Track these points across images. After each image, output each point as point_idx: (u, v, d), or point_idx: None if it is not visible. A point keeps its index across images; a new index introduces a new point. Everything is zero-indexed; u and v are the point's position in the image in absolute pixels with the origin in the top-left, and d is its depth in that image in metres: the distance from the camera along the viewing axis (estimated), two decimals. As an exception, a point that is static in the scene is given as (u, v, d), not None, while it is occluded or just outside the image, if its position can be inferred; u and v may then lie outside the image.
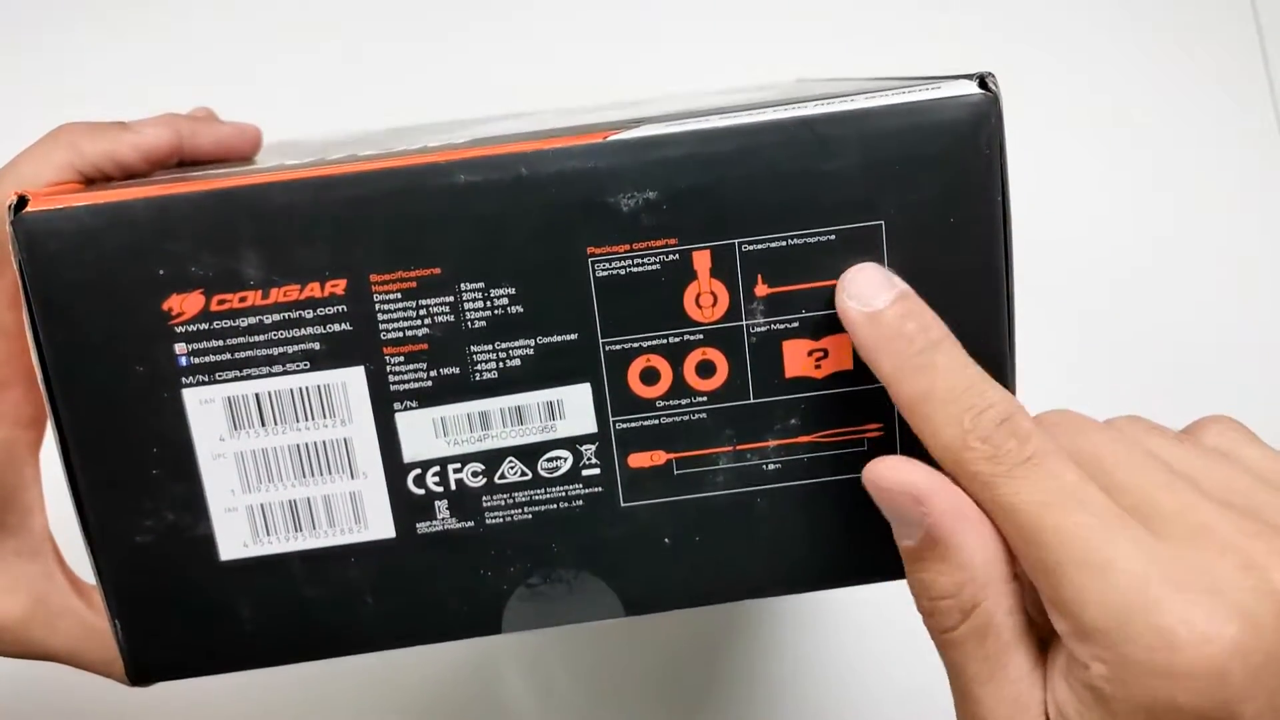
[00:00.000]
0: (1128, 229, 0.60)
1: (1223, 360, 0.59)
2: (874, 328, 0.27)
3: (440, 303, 0.28)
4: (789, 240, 0.28)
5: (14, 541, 0.33)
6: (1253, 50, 0.61)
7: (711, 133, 0.28)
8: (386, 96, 0.59)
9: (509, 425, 0.29)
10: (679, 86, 0.57)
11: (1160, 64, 0.61)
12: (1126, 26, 0.61)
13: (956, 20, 0.61)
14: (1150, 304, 0.59)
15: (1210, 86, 0.61)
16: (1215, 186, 0.60)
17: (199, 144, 0.35)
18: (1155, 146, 0.60)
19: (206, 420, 0.29)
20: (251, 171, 0.28)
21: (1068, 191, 0.60)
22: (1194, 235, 0.60)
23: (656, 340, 0.29)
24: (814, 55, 0.61)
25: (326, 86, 0.60)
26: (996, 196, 0.28)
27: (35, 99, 0.58)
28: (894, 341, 0.27)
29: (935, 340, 0.27)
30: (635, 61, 0.61)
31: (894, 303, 0.27)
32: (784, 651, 0.57)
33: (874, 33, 0.62)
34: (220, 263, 0.28)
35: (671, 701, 0.56)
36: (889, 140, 0.28)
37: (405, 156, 0.28)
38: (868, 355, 0.27)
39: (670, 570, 0.30)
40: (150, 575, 0.30)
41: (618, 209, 0.28)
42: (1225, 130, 0.60)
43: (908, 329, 0.27)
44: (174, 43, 0.59)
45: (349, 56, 0.60)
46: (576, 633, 0.55)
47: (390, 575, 0.30)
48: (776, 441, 0.30)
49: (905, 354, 0.27)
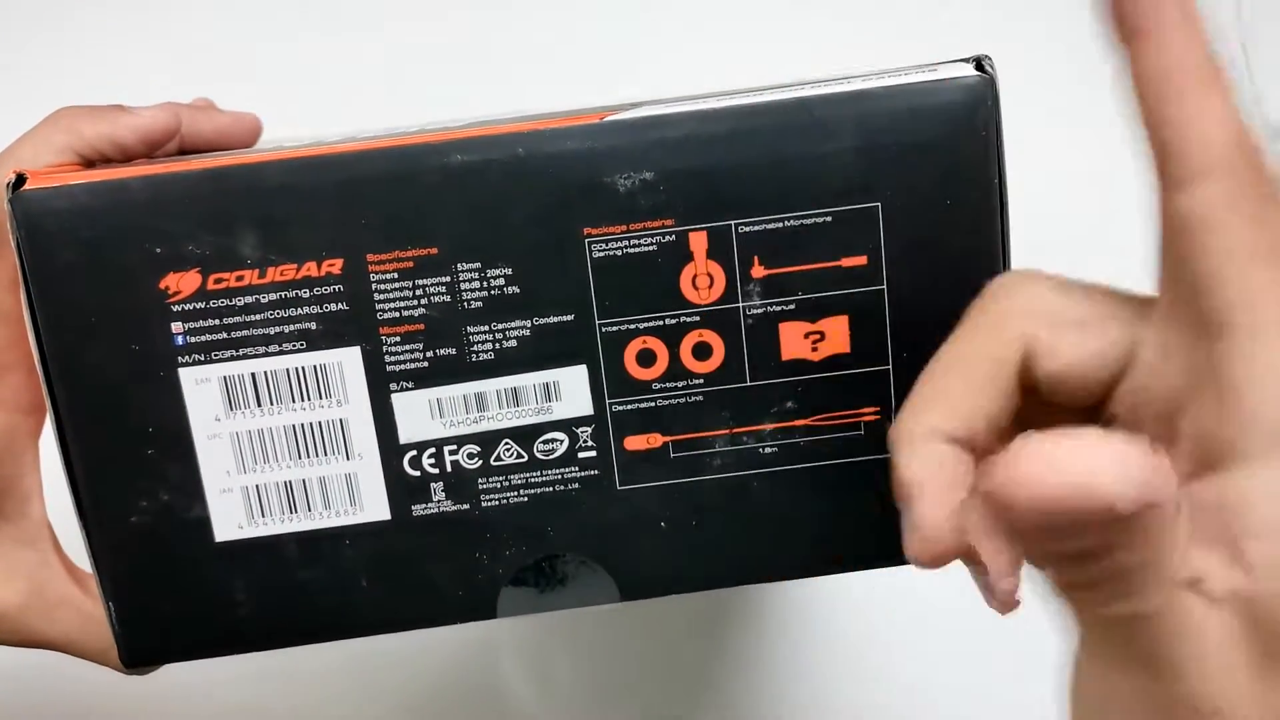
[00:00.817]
0: (1126, 212, 0.59)
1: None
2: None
3: (437, 283, 0.28)
4: (786, 222, 0.28)
5: (11, 529, 0.33)
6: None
7: (708, 114, 0.28)
8: (387, 97, 0.60)
9: (505, 407, 0.29)
10: (679, 87, 0.57)
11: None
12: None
13: (956, 19, 0.61)
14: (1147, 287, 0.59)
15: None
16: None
17: (199, 130, 0.35)
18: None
19: (202, 400, 0.29)
20: (249, 152, 0.29)
21: (1064, 171, 0.60)
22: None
23: (653, 322, 0.29)
24: (815, 55, 0.62)
25: (327, 86, 0.60)
26: (994, 179, 0.28)
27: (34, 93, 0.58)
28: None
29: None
30: (635, 62, 0.61)
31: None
32: (784, 638, 0.56)
33: (875, 33, 0.62)
34: (217, 241, 0.28)
35: (671, 689, 0.56)
36: (886, 122, 0.28)
37: (402, 137, 0.28)
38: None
39: (666, 554, 0.30)
40: (145, 557, 0.30)
41: (614, 190, 0.28)
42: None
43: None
44: (173, 39, 0.59)
45: (349, 56, 0.60)
46: (575, 621, 0.55)
47: (385, 558, 0.30)
48: (773, 425, 0.30)
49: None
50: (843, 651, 0.56)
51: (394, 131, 0.29)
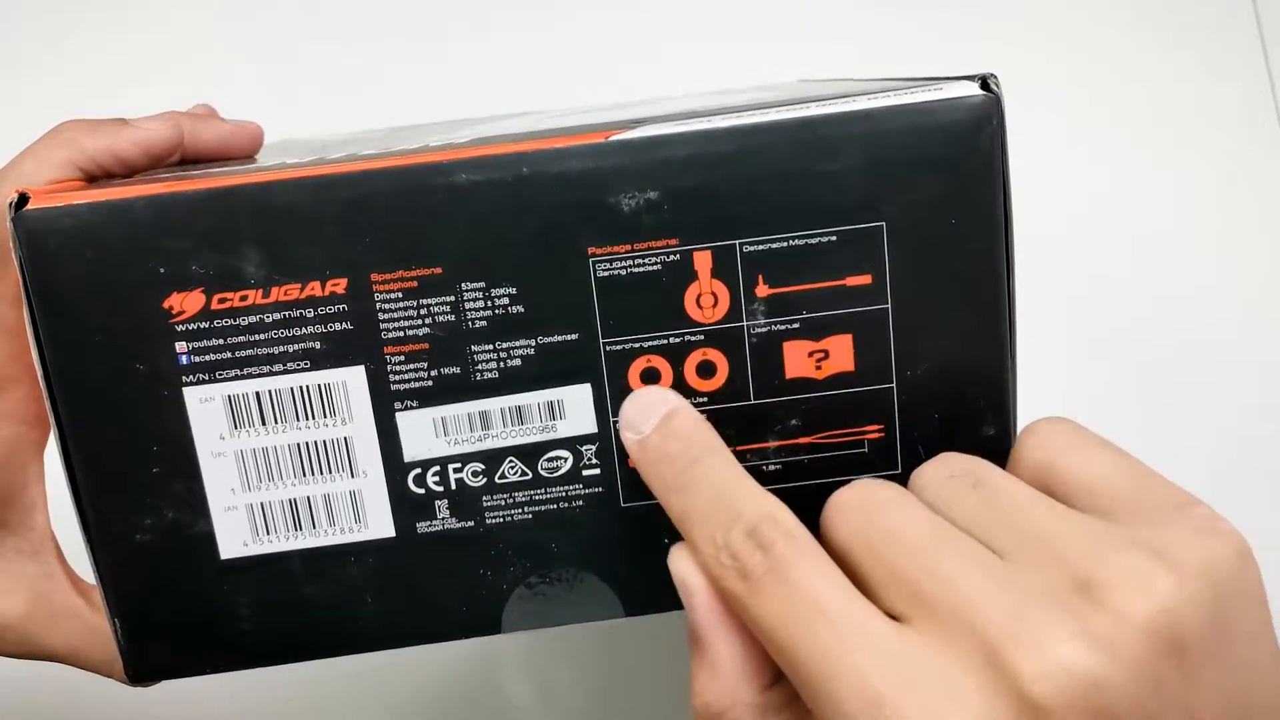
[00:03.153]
0: (1128, 228, 0.59)
1: (1225, 359, 0.58)
2: (642, 453, 0.27)
3: (441, 302, 0.28)
4: (790, 241, 0.28)
5: (15, 540, 0.33)
6: (1254, 47, 0.61)
7: (713, 133, 0.28)
8: (387, 96, 0.59)
9: (509, 425, 0.29)
10: (681, 87, 0.57)
11: (1161, 62, 0.61)
12: (1127, 25, 0.61)
13: (957, 19, 0.61)
14: (1151, 306, 0.59)
15: (1211, 85, 0.61)
16: (1217, 186, 0.60)
17: (200, 140, 0.35)
18: (1156, 145, 0.60)
19: (207, 419, 0.29)
20: (253, 170, 0.28)
21: (1068, 191, 0.60)
22: (1197, 235, 0.60)
23: (657, 340, 0.29)
24: (816, 55, 0.61)
25: (328, 86, 0.60)
26: (998, 198, 0.28)
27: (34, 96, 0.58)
28: (658, 465, 0.27)
29: (696, 457, 0.26)
30: (637, 61, 0.61)
31: (659, 426, 0.27)
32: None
33: (876, 33, 0.62)
34: (221, 261, 0.28)
35: (674, 701, 0.56)
36: (890, 141, 0.28)
37: (406, 156, 0.28)
38: (644, 479, 0.27)
39: None
40: (150, 574, 0.30)
41: (619, 209, 0.28)
42: (1226, 129, 0.60)
43: (671, 450, 0.27)
44: (174, 41, 0.59)
45: (350, 56, 0.60)
46: (579, 632, 0.55)
47: (390, 575, 0.30)
48: (777, 442, 0.30)
49: (669, 476, 0.26)
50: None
51: (397, 150, 0.29)
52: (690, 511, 0.26)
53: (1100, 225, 0.60)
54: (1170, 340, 0.59)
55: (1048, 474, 0.26)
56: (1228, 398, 0.58)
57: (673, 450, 0.27)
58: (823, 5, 0.62)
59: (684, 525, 0.26)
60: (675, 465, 0.26)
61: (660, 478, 0.27)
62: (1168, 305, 0.59)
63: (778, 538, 0.24)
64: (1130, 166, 0.60)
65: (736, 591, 0.24)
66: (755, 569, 0.24)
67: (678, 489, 0.26)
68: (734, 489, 0.26)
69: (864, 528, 0.25)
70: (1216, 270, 0.59)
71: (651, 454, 0.27)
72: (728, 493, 0.26)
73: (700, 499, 0.26)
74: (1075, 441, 0.26)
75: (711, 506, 0.25)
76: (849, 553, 0.25)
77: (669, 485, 0.26)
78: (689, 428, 0.27)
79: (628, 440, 0.28)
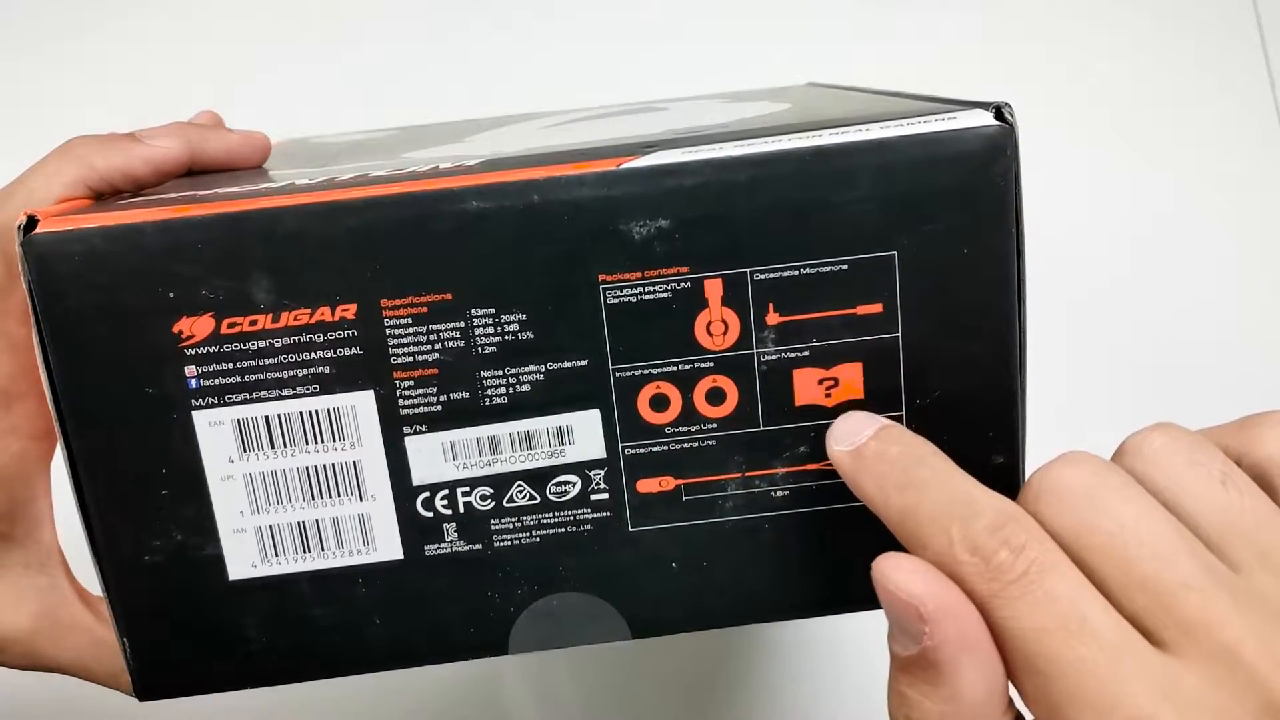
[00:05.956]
0: (1128, 229, 0.59)
1: (1235, 371, 0.58)
2: (858, 460, 0.26)
3: (451, 328, 0.28)
4: (801, 269, 0.28)
5: (22, 553, 0.33)
6: (1254, 47, 0.60)
7: (725, 162, 0.28)
8: (389, 96, 0.59)
9: (518, 450, 0.29)
10: (688, 88, 0.56)
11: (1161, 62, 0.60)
12: (1127, 25, 0.61)
13: (958, 19, 0.61)
14: (1151, 307, 0.59)
15: (1211, 85, 0.60)
16: (1220, 195, 0.60)
17: (208, 152, 0.35)
18: (1156, 145, 0.60)
19: (216, 442, 0.29)
20: (262, 193, 0.28)
21: (1068, 191, 0.60)
22: (1196, 235, 0.59)
23: (667, 367, 0.29)
24: (823, 55, 0.61)
25: (329, 87, 0.59)
26: (1011, 229, 0.28)
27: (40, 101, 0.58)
28: (878, 466, 0.26)
29: (921, 457, 0.25)
30: (644, 62, 0.61)
31: (876, 434, 0.26)
32: (789, 665, 0.57)
33: (877, 34, 0.62)
34: (231, 286, 0.28)
35: (678, 711, 0.56)
36: (903, 172, 0.28)
37: (417, 180, 0.28)
38: (853, 485, 0.26)
39: (677, 594, 0.30)
40: (159, 594, 0.30)
41: (630, 237, 0.28)
42: (1226, 129, 0.60)
43: (892, 452, 0.26)
44: (177, 43, 0.59)
45: (352, 56, 0.60)
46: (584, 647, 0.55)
47: (398, 596, 0.30)
48: (786, 469, 0.30)
49: (889, 475, 0.25)
50: (850, 682, 0.56)
51: (407, 173, 0.29)
52: (918, 506, 0.24)
53: (1100, 226, 0.60)
54: (1170, 340, 0.59)
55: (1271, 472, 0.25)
56: (1228, 399, 0.58)
57: (894, 453, 0.26)
58: (833, 6, 0.61)
59: (908, 522, 0.24)
60: (898, 465, 0.25)
61: (879, 477, 0.25)
62: (1168, 306, 0.59)
63: (1030, 540, 0.23)
64: (1130, 166, 0.59)
65: (981, 594, 0.23)
66: (1004, 569, 0.23)
67: (900, 486, 0.25)
68: (969, 486, 0.24)
69: (1096, 521, 0.23)
70: (1216, 270, 0.59)
71: (870, 458, 0.26)
72: (962, 488, 0.24)
73: (931, 494, 0.24)
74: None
75: (946, 500, 0.24)
76: (1074, 545, 0.23)
77: (891, 484, 0.25)
78: (908, 436, 0.26)
79: (838, 454, 0.27)
